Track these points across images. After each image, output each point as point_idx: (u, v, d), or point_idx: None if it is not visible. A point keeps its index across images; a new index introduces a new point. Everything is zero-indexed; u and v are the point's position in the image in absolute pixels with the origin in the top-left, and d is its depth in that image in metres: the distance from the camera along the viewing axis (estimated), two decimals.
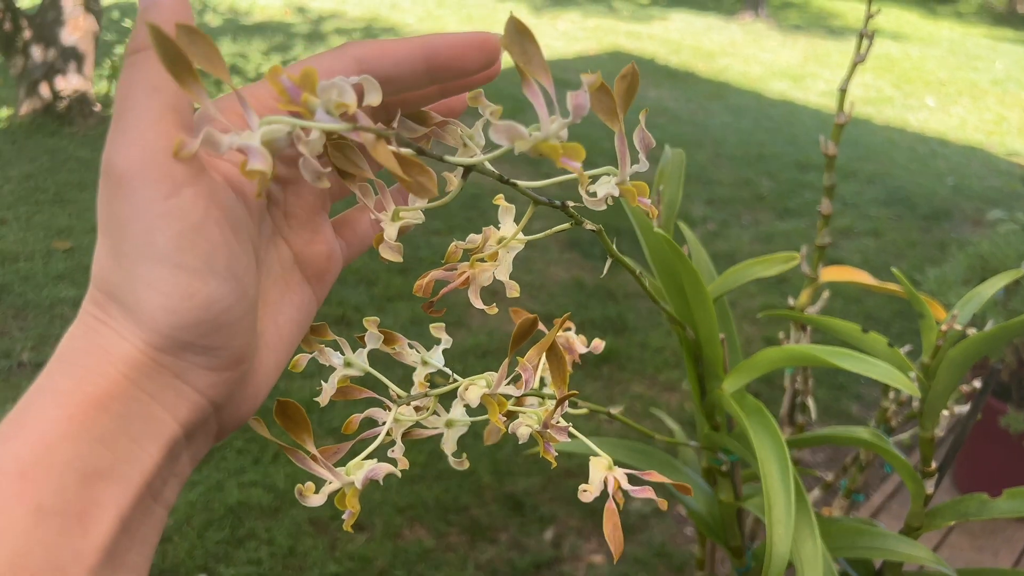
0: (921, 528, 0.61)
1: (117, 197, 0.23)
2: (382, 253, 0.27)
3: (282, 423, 0.25)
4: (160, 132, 0.22)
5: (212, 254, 0.23)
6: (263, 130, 0.20)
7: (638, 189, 0.26)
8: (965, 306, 0.57)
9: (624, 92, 0.23)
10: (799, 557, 0.47)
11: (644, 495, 0.33)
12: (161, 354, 0.23)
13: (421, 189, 0.20)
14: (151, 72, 0.22)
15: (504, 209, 0.30)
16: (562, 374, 0.28)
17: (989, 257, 1.31)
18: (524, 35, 0.21)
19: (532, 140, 0.22)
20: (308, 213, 0.28)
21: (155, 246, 0.22)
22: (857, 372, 0.48)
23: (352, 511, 0.26)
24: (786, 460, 0.46)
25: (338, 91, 0.20)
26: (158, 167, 0.22)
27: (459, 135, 0.28)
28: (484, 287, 0.30)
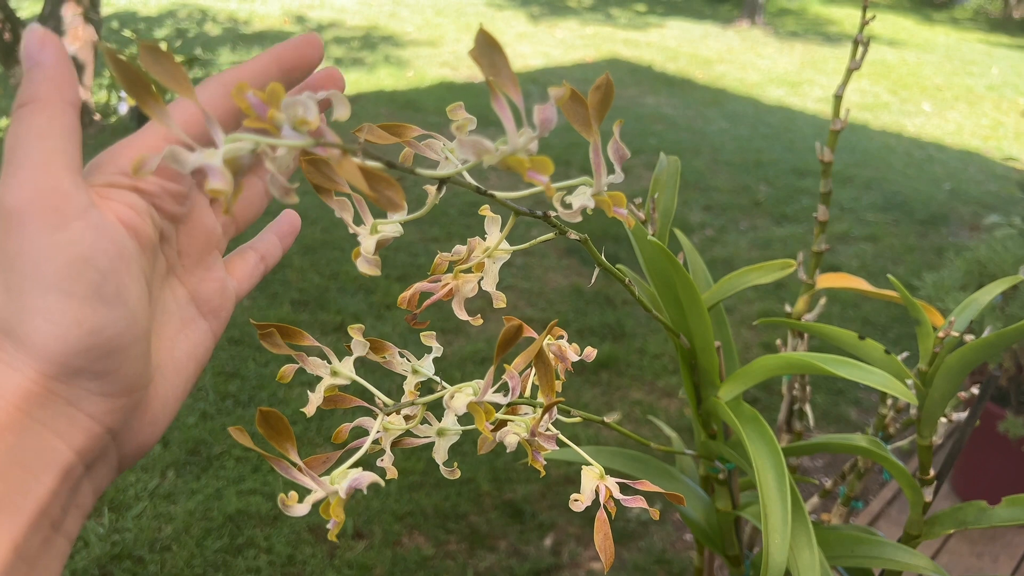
0: (920, 536, 0.61)
1: (7, 234, 0.23)
2: (359, 267, 0.27)
3: (264, 432, 0.25)
4: (48, 173, 0.23)
5: (101, 283, 0.24)
6: (225, 148, 0.20)
7: (614, 200, 0.26)
8: (962, 313, 0.57)
9: (598, 103, 0.23)
10: (796, 566, 0.47)
11: (636, 504, 0.33)
12: (53, 382, 0.24)
13: (389, 203, 0.20)
14: (37, 120, 0.24)
15: (490, 220, 0.30)
16: (549, 381, 0.28)
17: (986, 262, 1.31)
18: (493, 48, 0.21)
19: (499, 155, 0.22)
20: (200, 252, 0.30)
21: (44, 276, 0.23)
22: (854, 380, 0.48)
23: (337, 520, 0.26)
24: (782, 468, 0.46)
25: (303, 108, 0.20)
26: (46, 203, 0.23)
27: (440, 148, 0.28)
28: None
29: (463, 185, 0.26)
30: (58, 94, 0.24)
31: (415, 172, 0.23)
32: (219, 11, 6.41)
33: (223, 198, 0.20)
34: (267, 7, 6.71)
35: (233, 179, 0.20)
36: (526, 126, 0.22)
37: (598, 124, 0.23)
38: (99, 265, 0.24)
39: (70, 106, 0.25)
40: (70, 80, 0.25)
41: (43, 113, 0.24)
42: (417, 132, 0.28)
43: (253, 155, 0.21)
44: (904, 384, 0.51)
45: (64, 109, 0.25)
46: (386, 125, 0.27)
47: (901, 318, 2.50)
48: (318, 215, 2.88)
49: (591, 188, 0.25)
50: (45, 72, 0.24)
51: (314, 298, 2.35)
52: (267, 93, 0.20)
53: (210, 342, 0.30)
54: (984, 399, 0.57)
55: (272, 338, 0.30)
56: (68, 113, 0.25)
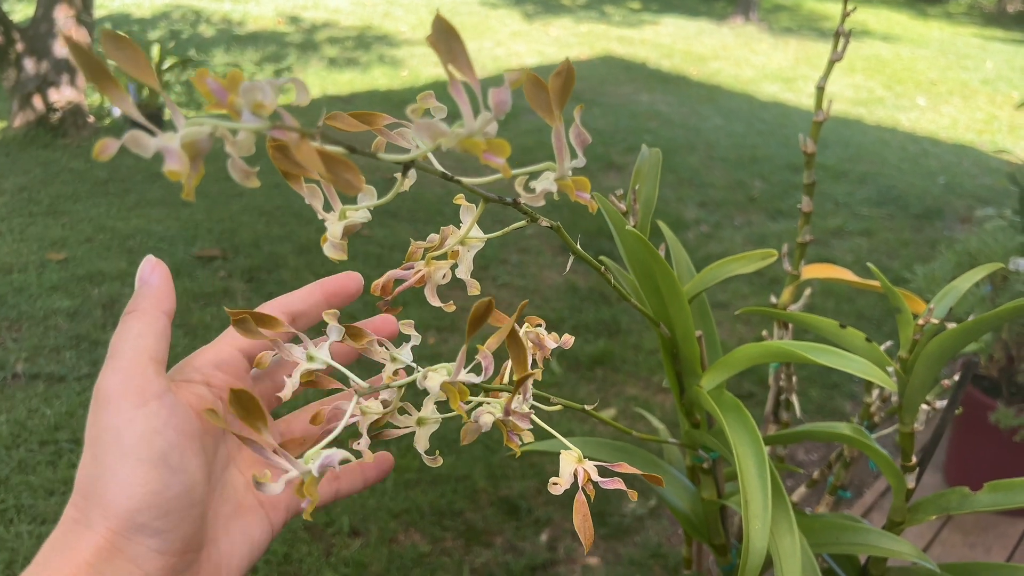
0: (904, 523, 0.61)
1: (100, 411, 0.29)
2: (326, 251, 0.28)
3: (237, 413, 0.26)
4: (136, 364, 0.29)
5: (167, 452, 0.29)
6: (184, 131, 0.21)
7: (577, 184, 0.26)
8: (942, 300, 0.58)
9: (559, 89, 0.24)
10: (777, 551, 0.47)
11: (613, 486, 0.33)
12: (119, 537, 0.28)
13: (347, 185, 0.21)
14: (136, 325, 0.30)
15: (465, 208, 0.30)
16: (523, 361, 0.29)
17: (976, 253, 1.32)
18: (450, 34, 0.22)
19: (455, 137, 0.22)
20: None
21: (122, 444, 0.28)
22: (835, 367, 0.48)
23: (311, 500, 0.26)
24: (763, 455, 0.46)
25: (261, 92, 0.20)
26: (131, 386, 0.29)
27: (411, 137, 0.28)
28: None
29: (429, 171, 0.26)
30: (157, 306, 0.31)
31: (376, 156, 0.24)
32: (213, 12, 6.40)
33: (182, 181, 0.21)
34: (261, 8, 6.70)
35: (191, 162, 0.21)
36: (483, 108, 0.22)
37: (559, 109, 0.24)
38: (168, 438, 0.29)
39: (164, 315, 0.31)
40: (169, 296, 0.32)
41: (142, 319, 0.31)
42: (388, 120, 0.28)
43: (211, 138, 0.21)
44: (885, 371, 0.52)
45: (159, 317, 0.31)
46: (356, 113, 0.27)
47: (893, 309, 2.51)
48: (312, 215, 2.88)
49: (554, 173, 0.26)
50: (150, 289, 0.31)
51: None
52: (227, 79, 0.20)
53: (266, 531, 0.34)
54: (963, 385, 0.58)
55: (246, 324, 0.30)
56: (162, 320, 0.31)
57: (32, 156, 3.27)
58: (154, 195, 2.96)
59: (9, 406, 1.80)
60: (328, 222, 0.28)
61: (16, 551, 1.42)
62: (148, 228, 2.69)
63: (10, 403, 1.81)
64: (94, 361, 1.97)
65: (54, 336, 2.05)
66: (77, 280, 2.33)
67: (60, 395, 1.84)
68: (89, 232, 2.64)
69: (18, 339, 2.04)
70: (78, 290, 2.27)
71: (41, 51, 3.39)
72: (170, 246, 2.58)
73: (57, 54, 3.41)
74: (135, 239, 2.61)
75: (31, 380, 1.89)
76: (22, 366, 1.94)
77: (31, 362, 1.95)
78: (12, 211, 2.76)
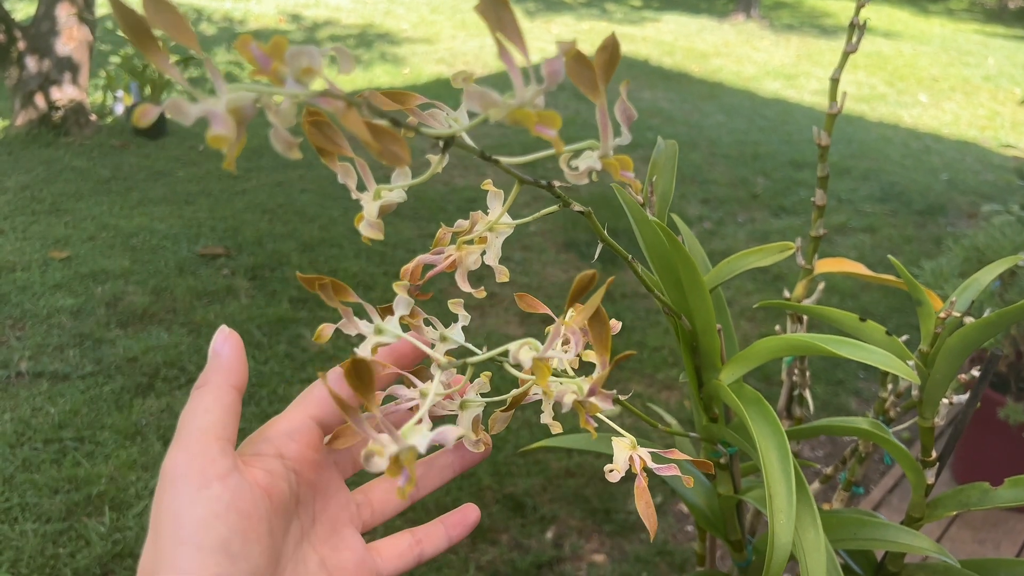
0: (923, 519, 0.61)
1: (163, 493, 0.27)
2: (362, 231, 0.27)
3: (352, 384, 0.24)
4: (202, 442, 0.28)
5: (229, 537, 0.27)
6: (228, 97, 0.20)
7: (621, 163, 0.26)
8: (963, 293, 0.57)
9: (604, 64, 0.23)
10: (801, 547, 0.46)
11: (668, 472, 0.33)
12: None
13: (393, 157, 0.20)
14: (205, 400, 0.29)
15: (493, 194, 0.29)
16: (605, 340, 0.28)
17: (984, 249, 1.31)
18: (499, 3, 0.21)
19: (506, 107, 0.21)
20: (334, 522, 0.33)
21: (181, 528, 0.27)
22: (856, 359, 0.48)
23: (409, 475, 0.25)
24: (786, 449, 0.46)
25: (308, 57, 0.20)
26: (195, 466, 0.28)
27: (444, 118, 0.28)
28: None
29: (466, 148, 0.26)
30: (227, 380, 0.30)
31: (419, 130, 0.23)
32: (214, 10, 6.40)
33: (226, 148, 0.20)
34: (262, 6, 6.70)
35: (237, 129, 0.20)
36: (533, 80, 0.22)
37: (604, 85, 0.23)
38: (230, 523, 0.27)
39: (235, 389, 0.30)
40: (241, 369, 0.31)
41: (211, 394, 0.29)
42: (420, 100, 0.28)
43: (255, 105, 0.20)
44: (906, 364, 0.51)
45: (228, 392, 0.30)
46: (389, 92, 0.27)
47: (900, 308, 2.50)
48: (316, 212, 2.88)
49: (597, 151, 0.25)
50: (221, 362, 0.30)
51: (313, 295, 2.34)
52: (271, 45, 0.19)
53: None
54: (986, 380, 0.57)
55: (327, 290, 0.30)
56: (231, 395, 0.30)
57: (34, 154, 3.26)
58: (157, 193, 2.96)
59: (13, 404, 1.79)
60: (364, 201, 0.27)
61: (21, 549, 1.41)
62: (151, 226, 2.68)
63: (14, 401, 1.80)
64: (97, 359, 1.96)
65: (57, 334, 2.04)
66: (80, 278, 2.32)
67: (64, 393, 1.83)
68: (92, 230, 2.63)
69: (22, 337, 2.04)
70: (81, 288, 2.27)
71: (43, 49, 3.38)
72: (173, 244, 2.57)
73: (59, 52, 3.40)
74: (138, 237, 2.61)
75: (35, 378, 1.89)
76: (26, 364, 1.93)
77: (35, 360, 1.94)
78: (15, 210, 2.75)
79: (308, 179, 3.21)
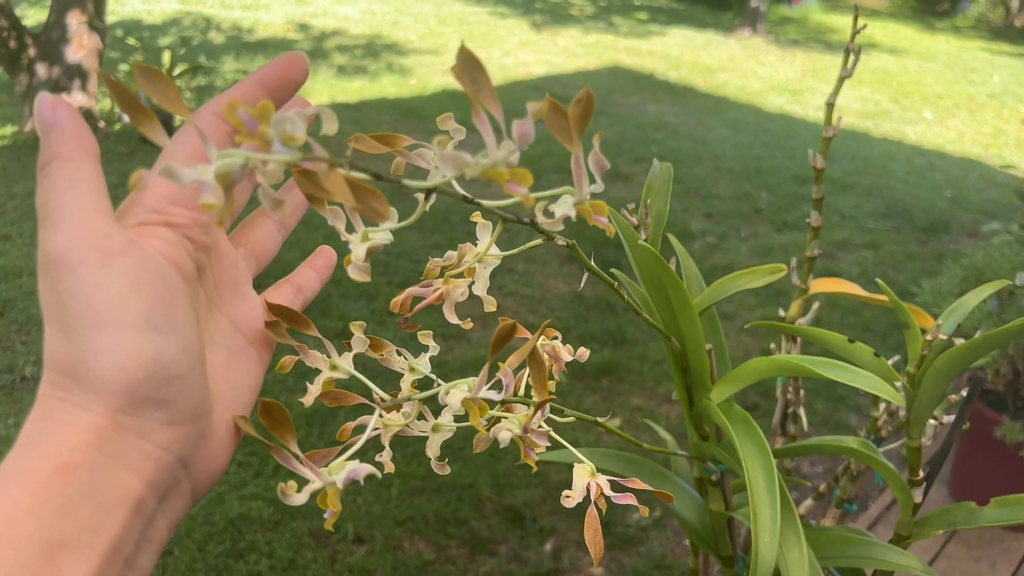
0: (911, 537, 0.62)
1: (57, 279, 0.24)
2: (351, 274, 0.28)
3: (266, 423, 0.26)
4: (84, 218, 0.25)
5: (150, 312, 0.25)
6: (216, 164, 0.22)
7: (595, 208, 0.27)
8: (950, 316, 0.58)
9: (579, 116, 0.24)
10: (785, 564, 0.47)
11: (626, 502, 0.34)
12: (121, 415, 0.24)
13: (375, 214, 0.21)
14: (64, 173, 0.25)
15: (481, 226, 0.31)
16: (542, 379, 0.29)
17: (983, 268, 1.32)
18: (474, 65, 0.23)
19: (479, 167, 0.23)
20: (233, 282, 0.31)
21: (96, 312, 0.24)
22: (842, 382, 0.49)
23: (334, 510, 0.27)
24: (772, 468, 0.47)
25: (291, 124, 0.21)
26: (88, 245, 0.24)
27: (430, 158, 0.29)
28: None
29: (451, 195, 0.27)
30: (80, 148, 0.26)
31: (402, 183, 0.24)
32: (223, 19, 6.45)
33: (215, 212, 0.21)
34: (271, 15, 6.75)
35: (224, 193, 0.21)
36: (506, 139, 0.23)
37: (579, 136, 0.25)
38: (146, 295, 0.25)
39: (92, 158, 0.26)
40: (89, 136, 0.26)
41: (69, 166, 0.25)
42: (408, 142, 0.29)
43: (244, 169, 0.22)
44: (893, 386, 0.52)
45: (87, 160, 0.26)
46: (377, 136, 0.28)
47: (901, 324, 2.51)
48: (320, 222, 2.90)
49: (573, 197, 0.27)
50: (63, 131, 0.26)
51: (316, 304, 2.36)
52: (258, 110, 0.21)
53: (260, 369, 0.31)
54: (971, 401, 0.58)
55: (277, 328, 0.31)
56: (92, 164, 0.26)
57: None
58: None
59: (18, 409, 1.81)
60: (351, 244, 0.28)
61: None
62: None
63: (19, 406, 1.82)
64: None
65: None
66: None
67: None
68: None
69: (27, 342, 2.05)
70: None
71: (53, 56, 3.41)
72: None
73: (69, 59, 3.43)
74: None
75: (39, 384, 1.90)
76: (31, 369, 1.95)
77: (40, 365, 1.95)
78: (22, 215, 2.77)
79: None
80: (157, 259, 0.26)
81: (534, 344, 0.29)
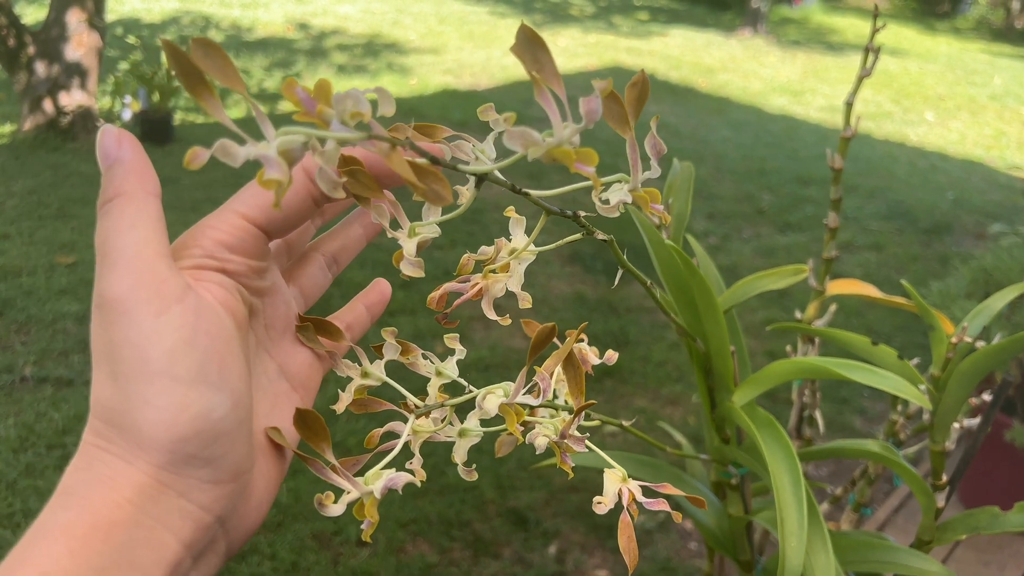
0: (932, 542, 0.61)
1: (111, 323, 0.24)
2: (403, 270, 0.27)
3: (301, 433, 0.25)
4: (144, 261, 0.24)
5: (204, 364, 0.24)
6: (279, 140, 0.21)
7: (650, 196, 0.26)
8: (975, 319, 0.57)
9: (635, 100, 0.23)
10: (812, 570, 0.46)
11: (658, 507, 0.33)
12: (164, 472, 0.24)
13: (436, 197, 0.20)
14: (127, 213, 0.25)
15: (515, 221, 0.30)
16: (579, 384, 0.28)
17: (992, 270, 1.31)
18: (536, 43, 0.22)
19: (546, 146, 0.22)
20: (284, 325, 0.30)
21: (149, 362, 0.23)
22: (868, 384, 0.48)
23: (371, 521, 0.26)
24: (798, 472, 0.46)
25: (353, 101, 0.20)
26: (146, 290, 0.24)
27: (471, 150, 0.28)
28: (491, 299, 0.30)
29: (499, 183, 0.26)
30: (142, 186, 0.25)
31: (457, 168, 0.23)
32: (222, 18, 6.43)
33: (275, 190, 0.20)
34: (270, 14, 6.73)
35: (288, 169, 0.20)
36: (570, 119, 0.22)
37: (635, 120, 0.24)
38: (201, 347, 0.24)
39: (154, 196, 0.25)
40: (151, 173, 0.26)
41: (131, 205, 0.25)
42: (448, 133, 0.28)
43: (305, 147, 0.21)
44: (917, 389, 0.51)
45: (148, 200, 0.25)
46: (418, 126, 0.27)
47: (906, 326, 2.50)
48: None
49: (627, 184, 0.26)
50: (126, 167, 0.25)
51: (318, 304, 2.34)
52: (316, 88, 0.20)
53: None
54: (997, 404, 0.57)
55: (307, 333, 0.30)
56: (153, 203, 0.25)
57: (42, 159, 3.28)
58: (163, 199, 2.96)
59: (17, 409, 1.79)
60: (401, 240, 0.28)
61: None
62: None
63: (18, 406, 1.80)
64: None
65: (62, 340, 2.04)
66: (86, 284, 2.33)
67: (68, 399, 1.84)
68: None
69: (26, 342, 2.04)
70: (87, 294, 2.27)
71: (52, 54, 3.40)
72: None
73: (68, 57, 3.42)
74: None
75: (39, 383, 1.89)
76: (30, 369, 1.93)
77: (39, 365, 1.95)
78: (21, 214, 2.76)
79: None
80: (215, 307, 0.25)
81: (570, 347, 0.28)
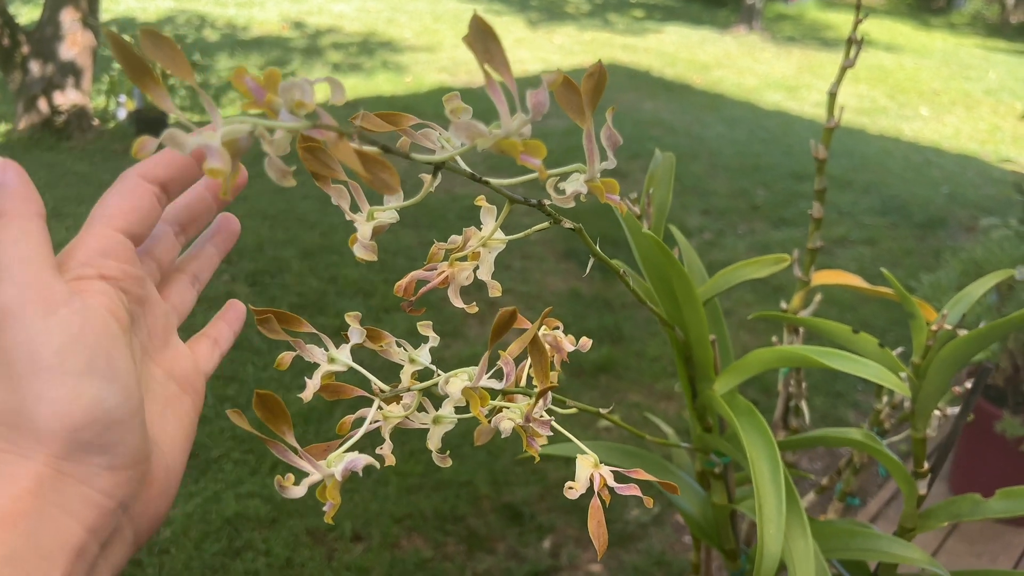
0: (915, 529, 0.61)
1: (2, 331, 0.25)
2: (356, 252, 0.28)
3: (261, 415, 0.25)
4: (29, 271, 0.26)
5: (93, 359, 0.26)
6: (224, 130, 0.21)
7: (607, 186, 0.26)
8: (955, 306, 0.58)
9: (591, 90, 0.24)
10: (791, 556, 0.47)
11: (629, 493, 0.33)
12: (63, 462, 0.25)
13: (384, 185, 0.21)
14: (9, 231, 0.26)
15: (486, 210, 0.30)
16: (544, 368, 0.28)
17: (983, 262, 1.32)
18: (487, 34, 0.22)
19: (492, 137, 0.22)
20: (164, 333, 0.32)
21: (39, 360, 0.25)
22: (848, 372, 0.48)
23: (333, 503, 0.26)
24: (776, 459, 0.46)
25: (299, 90, 0.20)
26: (33, 297, 0.25)
27: (436, 138, 0.28)
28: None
29: (458, 171, 0.26)
30: (25, 206, 0.27)
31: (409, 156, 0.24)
32: (217, 17, 6.42)
33: (221, 179, 0.21)
34: (265, 13, 6.72)
35: (231, 161, 0.21)
36: (519, 110, 0.22)
37: (591, 111, 0.24)
38: (88, 342, 0.26)
39: (37, 216, 0.27)
40: (34, 195, 0.27)
41: (14, 224, 0.26)
42: (413, 121, 0.28)
43: (250, 136, 0.21)
44: (898, 376, 0.51)
45: (31, 218, 0.27)
46: (382, 114, 0.27)
47: (900, 321, 2.51)
48: (317, 219, 2.89)
49: (584, 175, 0.26)
50: (9, 190, 0.27)
51: (312, 302, 2.35)
52: (264, 77, 0.20)
53: (194, 415, 0.32)
54: (977, 392, 0.57)
55: (269, 324, 0.30)
56: (36, 221, 0.27)
57: (36, 159, 3.27)
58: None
59: None
60: (357, 223, 0.28)
61: None
62: None
63: None
64: None
65: None
66: None
67: None
68: None
69: None
70: None
71: (47, 54, 3.40)
72: None
73: (63, 57, 3.41)
74: None
75: None
76: None
77: None
78: None
79: (309, 186, 3.22)
80: (99, 310, 0.27)
81: (535, 331, 0.28)
